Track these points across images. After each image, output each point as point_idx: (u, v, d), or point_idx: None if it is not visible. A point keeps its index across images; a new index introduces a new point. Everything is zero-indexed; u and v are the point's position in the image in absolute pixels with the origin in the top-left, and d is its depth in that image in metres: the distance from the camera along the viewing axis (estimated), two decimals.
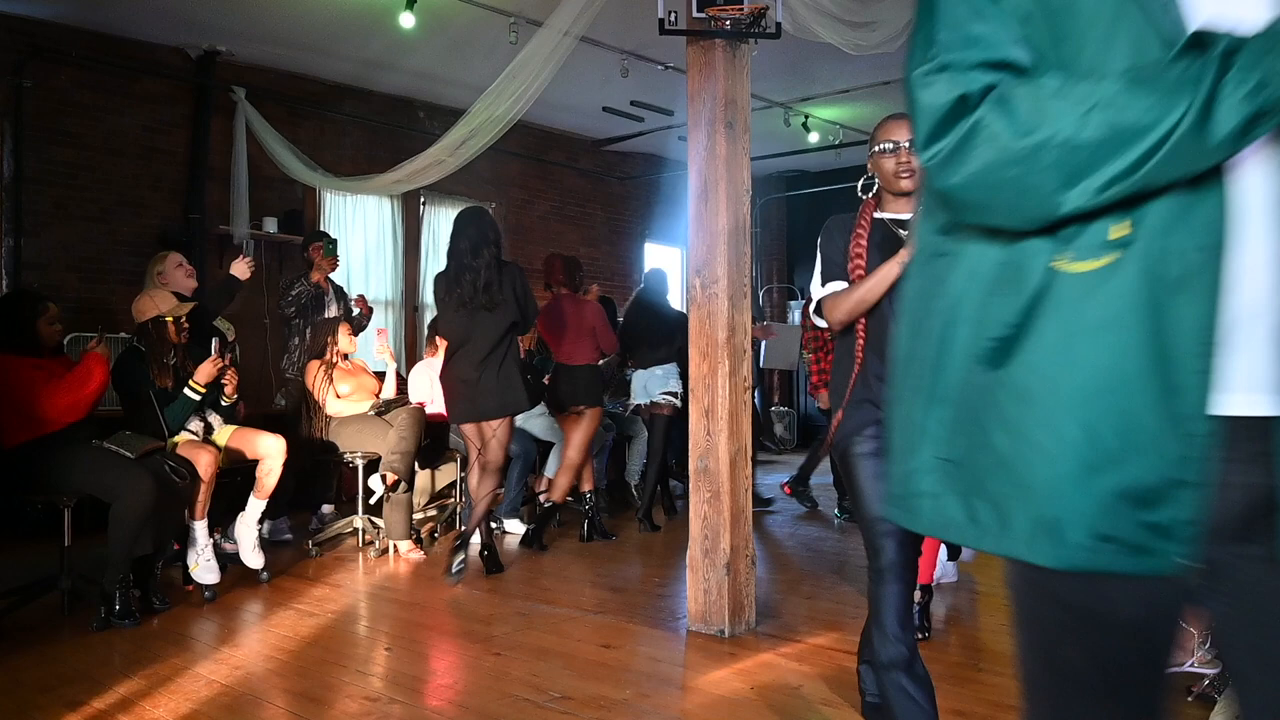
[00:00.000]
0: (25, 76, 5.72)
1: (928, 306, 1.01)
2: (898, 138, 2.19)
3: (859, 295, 2.16)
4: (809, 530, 5.76)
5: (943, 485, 0.97)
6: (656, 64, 6.53)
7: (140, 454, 3.69)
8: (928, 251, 1.03)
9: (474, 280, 4.23)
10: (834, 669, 3.07)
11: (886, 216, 2.26)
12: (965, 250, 0.97)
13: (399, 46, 6.24)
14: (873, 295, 2.14)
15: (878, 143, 2.23)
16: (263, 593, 4.11)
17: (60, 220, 5.91)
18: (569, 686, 2.92)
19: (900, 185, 2.19)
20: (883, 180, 2.25)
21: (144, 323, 4.13)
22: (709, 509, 3.49)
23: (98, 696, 2.82)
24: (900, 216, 2.25)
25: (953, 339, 0.97)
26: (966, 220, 0.96)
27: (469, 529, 4.46)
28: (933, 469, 0.98)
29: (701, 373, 3.52)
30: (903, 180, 2.18)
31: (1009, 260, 0.93)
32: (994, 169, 0.88)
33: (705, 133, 3.50)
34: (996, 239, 0.94)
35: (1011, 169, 0.87)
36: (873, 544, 2.17)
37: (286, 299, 5.40)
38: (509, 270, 4.33)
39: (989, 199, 0.91)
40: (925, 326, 1.01)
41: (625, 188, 9.58)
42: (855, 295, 2.17)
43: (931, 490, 0.98)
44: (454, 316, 4.31)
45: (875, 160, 2.24)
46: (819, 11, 4.17)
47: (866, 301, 2.15)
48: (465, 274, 4.25)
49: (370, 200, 7.49)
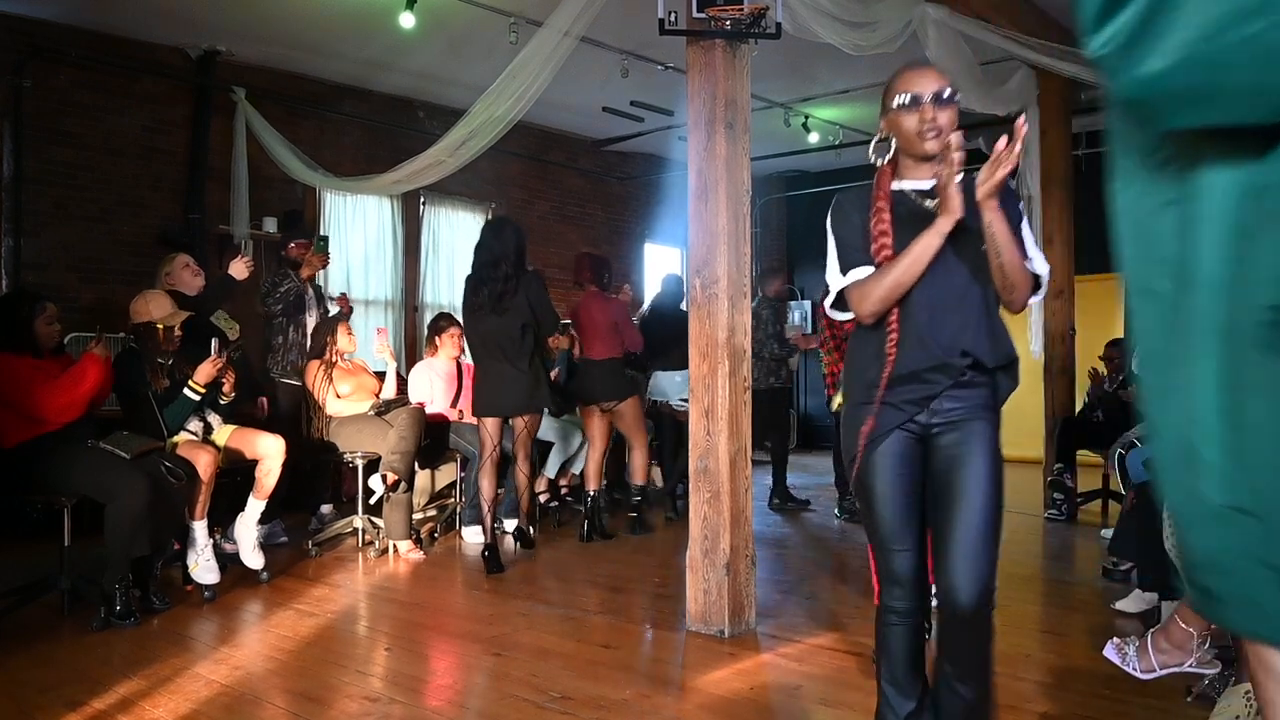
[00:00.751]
0: (25, 76, 5.72)
1: (1160, 284, 0.69)
2: (920, 89, 1.89)
3: (894, 278, 1.87)
4: (809, 530, 5.76)
5: (1238, 550, 0.64)
6: (657, 64, 6.53)
7: (136, 454, 3.69)
8: (1140, 211, 0.70)
9: (491, 290, 4.54)
10: (834, 669, 3.07)
11: (907, 186, 1.97)
12: (1201, 186, 0.64)
13: (399, 47, 6.24)
14: (910, 276, 1.87)
15: (895, 96, 1.93)
16: (262, 593, 4.10)
17: (60, 220, 5.90)
18: (569, 687, 2.92)
19: (924, 147, 1.90)
20: (902, 142, 1.95)
21: (137, 324, 4.14)
22: (709, 509, 3.49)
23: (97, 696, 2.82)
24: (922, 185, 1.96)
25: (1211, 321, 0.64)
26: (1182, 124, 0.62)
27: (488, 528, 4.62)
28: (1220, 523, 0.65)
29: (701, 373, 3.52)
30: (928, 141, 1.89)
31: (1272, 180, 0.61)
32: (1216, 32, 0.56)
33: (705, 133, 3.49)
34: (1243, 152, 0.60)
35: (1247, 24, 0.55)
36: (884, 565, 1.99)
37: (274, 296, 5.26)
38: (527, 279, 4.59)
39: (1215, 82, 0.57)
40: (1174, 319, 0.69)
41: (625, 188, 9.58)
42: (889, 279, 1.88)
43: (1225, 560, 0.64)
44: (473, 320, 4.67)
45: (893, 119, 1.94)
46: (819, 12, 4.17)
47: (903, 284, 1.88)
48: (484, 284, 4.57)
49: (370, 200, 7.49)
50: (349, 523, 5.07)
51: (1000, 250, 1.85)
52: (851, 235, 1.98)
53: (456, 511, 5.47)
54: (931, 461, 1.98)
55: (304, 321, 5.36)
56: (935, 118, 1.88)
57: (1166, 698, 2.71)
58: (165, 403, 4.08)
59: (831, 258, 2.02)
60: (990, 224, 1.83)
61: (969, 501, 1.90)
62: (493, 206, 8.37)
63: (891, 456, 1.96)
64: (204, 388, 4.13)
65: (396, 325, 7.65)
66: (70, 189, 5.95)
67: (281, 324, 5.30)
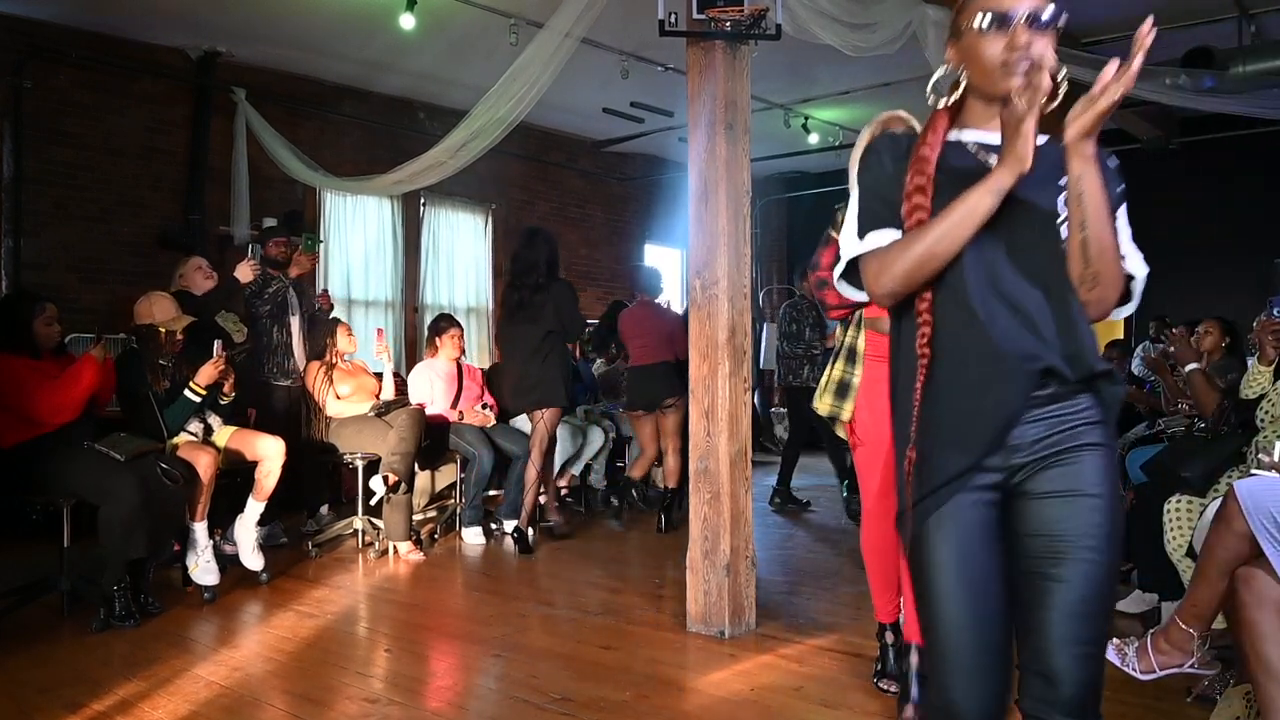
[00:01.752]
0: (25, 77, 5.72)
1: None
2: (1010, 5, 1.36)
3: (925, 245, 1.35)
4: (809, 531, 5.76)
5: None
6: (657, 65, 6.54)
7: (132, 456, 3.67)
8: None
9: (522, 296, 4.94)
10: (834, 670, 3.07)
11: (968, 138, 1.46)
12: None
13: (399, 47, 6.24)
14: (949, 244, 1.35)
15: (974, 14, 1.39)
16: (262, 594, 4.10)
17: (60, 221, 5.90)
18: (569, 688, 2.92)
19: (1007, 84, 1.35)
20: (976, 77, 1.43)
21: (139, 325, 4.14)
22: (709, 510, 3.49)
23: (97, 698, 2.82)
24: (991, 138, 1.43)
25: None
26: None
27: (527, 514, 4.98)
28: None
29: (701, 374, 3.52)
30: (1013, 76, 1.35)
31: None
32: None
33: (705, 134, 3.50)
34: None
35: None
36: (939, 684, 1.37)
37: (262, 297, 5.11)
38: (555, 287, 4.95)
39: None
40: None
41: (625, 189, 9.59)
42: (919, 246, 1.36)
43: None
44: (508, 324, 5.09)
45: (967, 45, 1.42)
46: (819, 13, 4.17)
47: (937, 256, 1.35)
48: (515, 291, 4.98)
49: (370, 201, 7.50)
50: (349, 524, 5.07)
51: (1087, 219, 1.33)
52: (880, 186, 1.46)
53: (457, 512, 5.47)
54: (1021, 520, 1.40)
55: (289, 323, 5.26)
56: (1028, 43, 1.35)
57: (1166, 698, 2.71)
58: (165, 404, 4.07)
59: (850, 213, 1.51)
60: (1079, 178, 1.33)
61: (1076, 568, 1.35)
62: (493, 207, 8.38)
63: (956, 527, 1.37)
64: (205, 389, 4.13)
65: (396, 326, 7.66)
66: (70, 189, 5.95)
67: (266, 325, 5.20)
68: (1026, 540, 1.39)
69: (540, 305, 4.90)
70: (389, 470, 4.80)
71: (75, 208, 5.97)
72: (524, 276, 4.95)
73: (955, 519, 1.37)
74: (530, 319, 4.91)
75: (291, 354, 5.24)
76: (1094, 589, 1.35)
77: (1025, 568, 1.39)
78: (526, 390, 5.00)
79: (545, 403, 4.99)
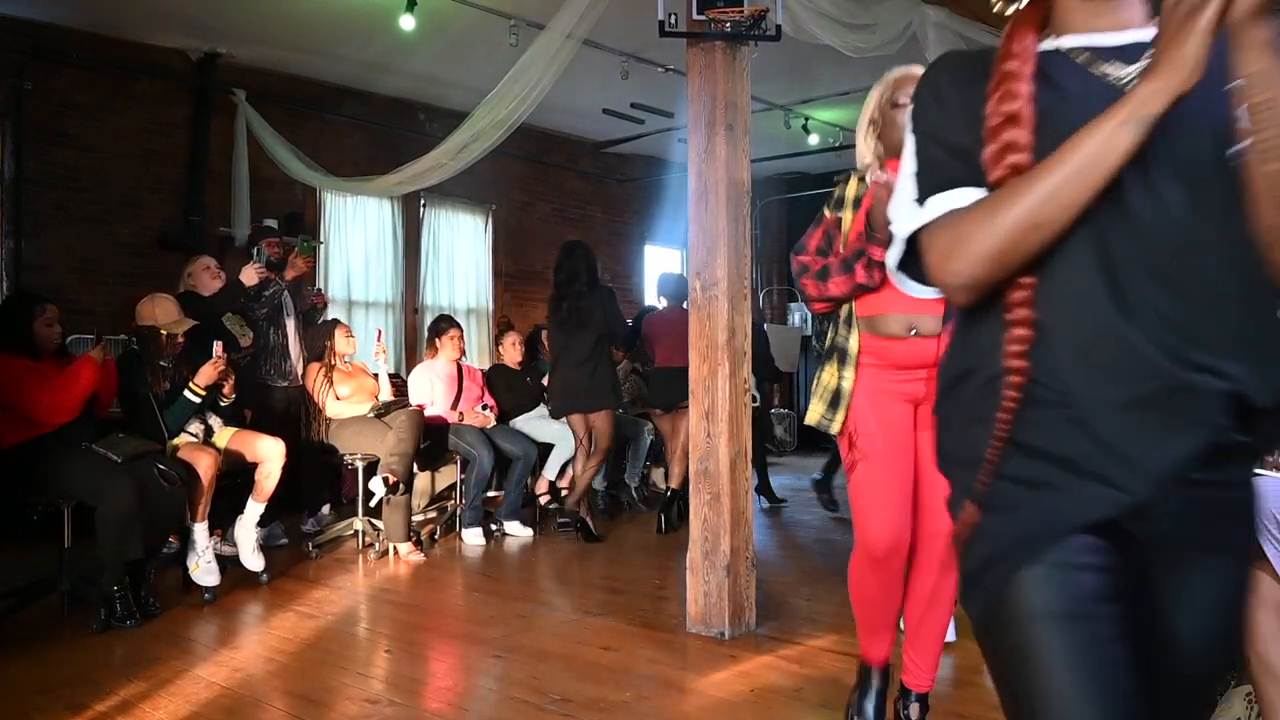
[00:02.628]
0: (26, 78, 5.73)
1: None
2: None
3: (1028, 206, 0.91)
4: (809, 532, 5.76)
5: None
6: (657, 66, 6.53)
7: (130, 457, 3.67)
8: None
9: (570, 305, 5.21)
10: (834, 671, 3.07)
11: (1070, 43, 1.00)
12: None
13: (399, 49, 6.24)
14: (1065, 204, 0.90)
15: None
16: (262, 595, 4.10)
17: (60, 222, 5.91)
18: (569, 689, 2.92)
19: None
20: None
21: (140, 326, 4.14)
22: (709, 511, 3.49)
23: (97, 698, 2.82)
24: (1107, 39, 0.99)
25: None
26: None
27: (572, 502, 5.27)
28: None
29: (701, 375, 3.52)
30: None
31: None
32: None
33: (705, 135, 3.50)
34: None
35: None
36: None
37: (259, 300, 5.06)
38: (598, 293, 5.24)
39: None
40: None
41: (625, 190, 9.59)
42: (1018, 207, 0.92)
43: None
44: (557, 332, 5.35)
45: None
46: (819, 14, 4.18)
47: (1048, 222, 0.91)
48: (564, 300, 5.25)
49: (370, 202, 7.50)
50: (349, 525, 5.07)
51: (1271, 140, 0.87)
52: (947, 129, 1.02)
53: (457, 513, 5.47)
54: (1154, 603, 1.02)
55: (285, 325, 5.26)
56: None
57: None
58: (166, 405, 4.07)
59: (904, 174, 1.07)
60: (1262, 79, 0.86)
61: (1187, 649, 1.02)
62: (493, 208, 8.38)
63: (1066, 619, 0.94)
64: (204, 390, 4.13)
65: (396, 327, 7.66)
66: (71, 190, 5.95)
67: (263, 327, 5.19)
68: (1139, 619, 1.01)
69: (588, 311, 5.18)
70: (388, 471, 4.80)
71: (76, 209, 5.97)
72: (569, 285, 5.24)
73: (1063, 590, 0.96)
74: (580, 324, 5.20)
75: (288, 355, 5.23)
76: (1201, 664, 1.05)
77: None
78: (579, 394, 5.24)
79: (598, 405, 5.24)
